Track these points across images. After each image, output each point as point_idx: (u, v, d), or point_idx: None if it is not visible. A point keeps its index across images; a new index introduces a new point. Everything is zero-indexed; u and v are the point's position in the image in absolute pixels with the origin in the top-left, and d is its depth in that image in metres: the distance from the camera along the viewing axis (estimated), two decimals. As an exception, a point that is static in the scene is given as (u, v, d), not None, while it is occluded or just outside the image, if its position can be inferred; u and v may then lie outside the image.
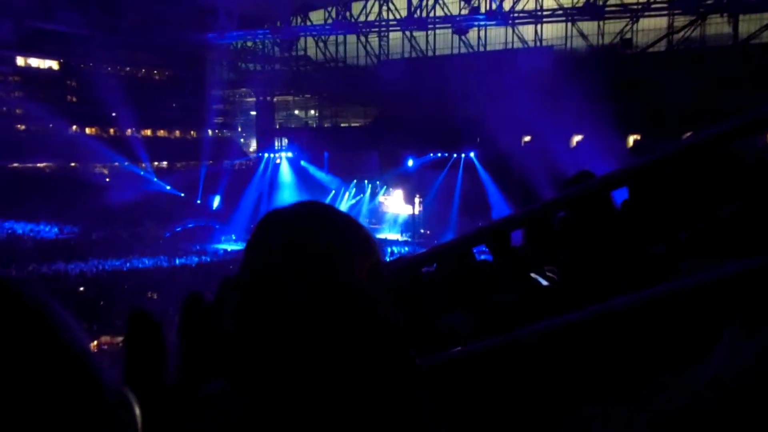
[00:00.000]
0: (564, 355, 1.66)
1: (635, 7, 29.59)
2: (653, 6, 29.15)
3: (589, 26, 33.88)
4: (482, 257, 4.33)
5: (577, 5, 30.80)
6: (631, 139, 28.67)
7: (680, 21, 30.51)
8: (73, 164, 38.27)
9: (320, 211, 1.07)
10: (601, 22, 32.63)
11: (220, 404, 0.99)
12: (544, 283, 3.22)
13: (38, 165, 37.28)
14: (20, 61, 37.49)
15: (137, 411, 0.70)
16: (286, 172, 39.49)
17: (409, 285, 2.55)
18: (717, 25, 30.18)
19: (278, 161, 40.16)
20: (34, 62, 38.19)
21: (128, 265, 28.66)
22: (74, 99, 37.76)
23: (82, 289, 25.90)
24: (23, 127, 38.48)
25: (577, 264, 2.61)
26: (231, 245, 32.84)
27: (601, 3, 29.17)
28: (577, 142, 30.50)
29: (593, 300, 1.75)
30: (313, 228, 1.01)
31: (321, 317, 0.94)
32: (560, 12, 31.43)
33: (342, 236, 1.01)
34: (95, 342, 20.98)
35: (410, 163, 34.60)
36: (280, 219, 1.05)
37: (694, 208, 2.36)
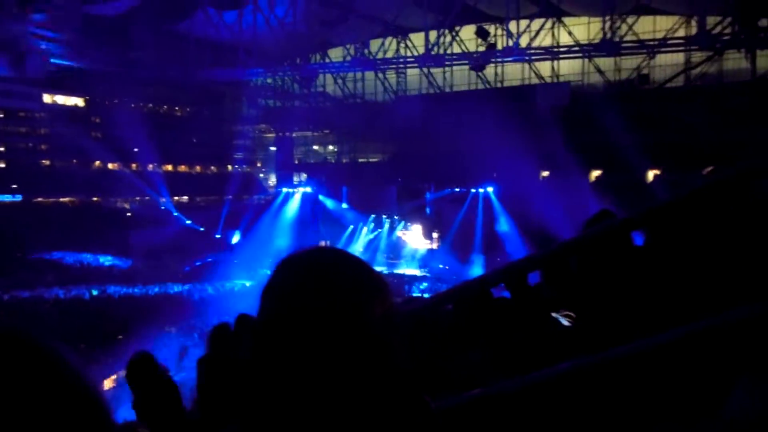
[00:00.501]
0: (583, 398, 1.64)
1: (652, 43, 29.70)
2: (669, 42, 29.24)
3: (605, 62, 34.05)
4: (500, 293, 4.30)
5: (593, 41, 30.98)
6: (651, 174, 28.50)
7: (697, 57, 30.55)
8: (95, 198, 38.91)
9: (335, 256, 1.09)
10: (617, 58, 32.78)
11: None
12: (565, 323, 3.19)
13: (61, 200, 37.93)
14: (47, 98, 38.46)
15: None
16: (303, 207, 39.67)
17: (424, 326, 2.54)
18: (734, 61, 30.18)
19: (297, 196, 40.43)
20: (60, 99, 39.14)
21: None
22: (99, 135, 38.51)
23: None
24: (48, 162, 39.33)
25: (597, 305, 2.59)
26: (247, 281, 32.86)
27: (617, 39, 29.31)
28: (596, 177, 30.38)
29: (613, 342, 1.73)
30: (328, 273, 1.03)
31: (334, 362, 0.96)
32: (576, 48, 31.62)
33: (356, 282, 1.03)
34: (113, 376, 20.98)
35: (428, 198, 34.64)
36: (296, 264, 1.07)
37: (716, 251, 2.33)
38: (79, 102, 39.62)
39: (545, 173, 32.15)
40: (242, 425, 1.03)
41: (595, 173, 30.49)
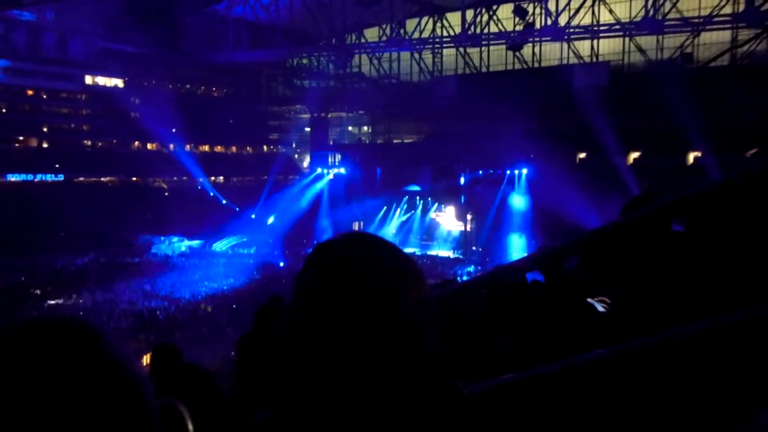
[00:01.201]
0: (618, 385, 1.62)
1: (696, 20, 28.75)
2: (715, 19, 28.24)
3: (647, 41, 33.14)
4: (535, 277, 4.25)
5: (634, 20, 30.16)
6: (692, 156, 27.81)
7: (744, 34, 29.50)
8: (134, 178, 39.72)
9: (369, 242, 1.09)
10: (660, 37, 31.85)
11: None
12: (600, 308, 3.14)
13: (102, 179, 38.83)
14: (88, 79, 39.24)
15: (190, 426, 0.73)
16: (337, 188, 39.81)
17: (458, 311, 2.54)
18: (784, 39, 29.11)
19: (331, 177, 40.59)
20: (101, 80, 39.89)
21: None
22: (137, 115, 39.24)
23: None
24: (89, 142, 40.26)
25: (634, 291, 2.54)
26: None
27: (660, 17, 28.46)
28: (635, 159, 29.77)
29: (647, 330, 1.70)
30: (362, 259, 1.03)
31: (368, 347, 0.96)
32: (617, 27, 30.84)
33: (389, 268, 1.03)
34: (151, 353, 21.52)
35: (462, 179, 34.42)
36: (330, 250, 1.08)
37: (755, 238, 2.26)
38: (119, 83, 40.32)
39: (582, 155, 31.63)
40: (275, 410, 1.04)
41: (634, 155, 29.86)
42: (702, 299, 2.03)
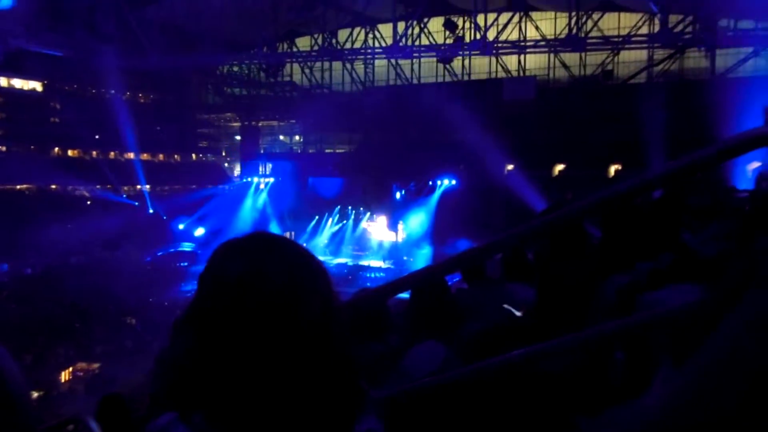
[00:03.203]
0: (521, 386, 1.66)
1: (616, 39, 30.19)
2: (633, 39, 29.76)
3: (571, 57, 34.51)
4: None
5: (559, 37, 31.36)
6: (613, 169, 29.03)
7: (660, 54, 31.20)
8: (53, 186, 38.01)
9: (273, 242, 1.08)
10: (583, 54, 33.27)
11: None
12: (518, 314, 3.21)
13: (17, 187, 36.96)
14: (2, 81, 37.37)
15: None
16: (267, 198, 39.40)
17: (375, 316, 2.53)
18: (695, 59, 30.93)
19: (262, 186, 40.11)
20: (18, 83, 38.07)
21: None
22: (57, 120, 37.59)
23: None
24: (4, 148, 38.24)
25: (547, 296, 2.61)
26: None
27: (582, 35, 29.71)
28: (559, 171, 30.82)
29: (560, 333, 1.74)
30: (267, 259, 1.02)
31: (273, 348, 0.96)
32: (543, 43, 31.96)
33: (295, 268, 1.03)
34: (70, 368, 20.66)
35: (394, 190, 34.71)
36: (233, 250, 1.06)
37: (661, 239, 2.38)
38: (38, 86, 38.56)
39: (510, 167, 32.49)
40: (176, 414, 1.02)
41: (559, 167, 30.91)
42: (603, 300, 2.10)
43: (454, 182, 32.24)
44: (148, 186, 41.04)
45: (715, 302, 0.67)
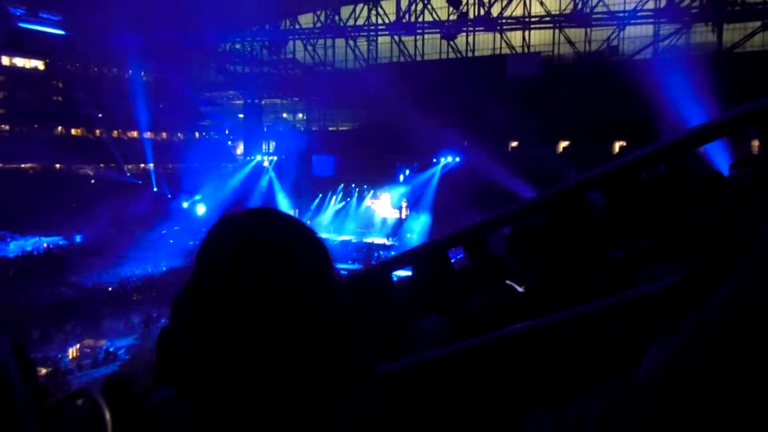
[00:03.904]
0: (520, 359, 1.67)
1: (622, 14, 29.81)
2: (639, 14, 29.38)
3: (576, 33, 34.13)
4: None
5: (564, 12, 30.99)
6: (617, 145, 28.88)
7: (666, 29, 30.81)
8: (57, 165, 38.03)
9: (271, 217, 1.07)
10: (588, 29, 32.87)
11: (167, 411, 0.98)
12: (520, 289, 3.22)
13: (22, 166, 37.00)
14: (5, 60, 37.21)
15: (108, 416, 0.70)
16: (272, 176, 39.38)
17: (379, 290, 2.54)
18: (702, 34, 30.53)
19: (265, 164, 40.05)
20: (20, 62, 37.91)
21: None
22: (60, 99, 37.48)
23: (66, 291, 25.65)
24: (7, 126, 38.21)
25: (551, 271, 2.62)
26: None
27: (588, 10, 29.36)
28: (564, 148, 30.67)
29: (560, 307, 1.75)
30: (264, 234, 1.01)
31: (272, 322, 0.95)
32: (548, 19, 31.62)
33: (293, 242, 1.02)
34: (78, 345, 20.86)
35: (398, 167, 34.64)
36: (231, 225, 1.05)
37: (661, 215, 2.37)
38: (40, 65, 38.41)
39: (514, 143, 32.35)
40: (175, 389, 1.02)
41: (563, 144, 30.76)
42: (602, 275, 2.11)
43: (458, 159, 32.13)
44: (151, 164, 41.04)
45: (709, 270, 0.68)
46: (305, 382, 0.95)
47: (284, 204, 37.53)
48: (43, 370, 17.15)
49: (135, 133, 42.01)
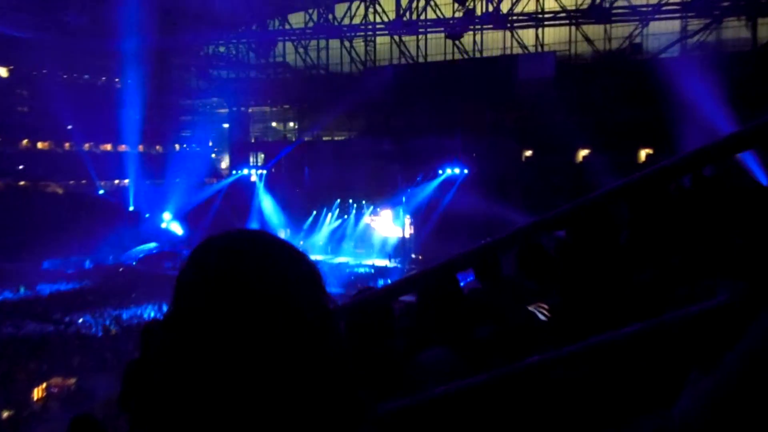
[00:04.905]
0: (537, 395, 1.64)
1: (645, 9, 29.99)
2: (664, 8, 29.55)
3: (594, 30, 34.32)
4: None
5: (581, 7, 31.20)
6: (644, 153, 28.93)
7: (694, 24, 30.96)
8: (22, 183, 38.12)
9: (259, 239, 1.06)
10: (607, 26, 33.04)
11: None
12: (542, 317, 3.19)
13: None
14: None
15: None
16: (260, 193, 39.45)
17: (378, 319, 2.52)
18: (734, 29, 30.67)
19: (253, 179, 40.14)
20: (-19, 69, 38.19)
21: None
22: (25, 109, 37.65)
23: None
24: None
25: (574, 296, 2.60)
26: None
27: (607, 5, 29.57)
28: (584, 157, 30.72)
29: (581, 335, 1.73)
30: (251, 258, 1.01)
31: (257, 355, 0.94)
32: (563, 15, 31.83)
33: (281, 268, 1.01)
34: (44, 384, 20.74)
35: (399, 181, 34.66)
36: (212, 251, 1.04)
37: (694, 229, 2.35)
38: (3, 72, 38.64)
39: (528, 153, 32.40)
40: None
41: (583, 153, 30.82)
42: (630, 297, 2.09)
43: (466, 171, 32.16)
44: (126, 180, 41.14)
45: (746, 299, 0.66)
46: (294, 427, 0.93)
47: (275, 221, 37.54)
48: (4, 414, 17.03)
49: (109, 146, 42.16)
